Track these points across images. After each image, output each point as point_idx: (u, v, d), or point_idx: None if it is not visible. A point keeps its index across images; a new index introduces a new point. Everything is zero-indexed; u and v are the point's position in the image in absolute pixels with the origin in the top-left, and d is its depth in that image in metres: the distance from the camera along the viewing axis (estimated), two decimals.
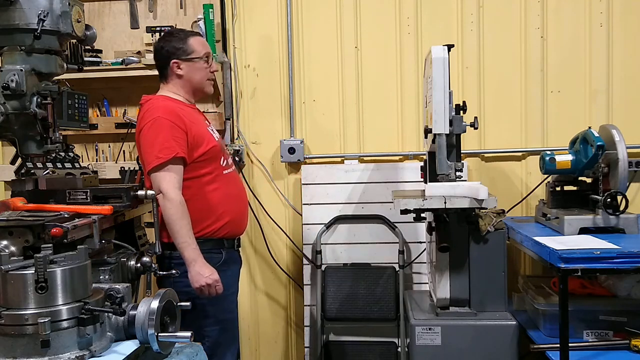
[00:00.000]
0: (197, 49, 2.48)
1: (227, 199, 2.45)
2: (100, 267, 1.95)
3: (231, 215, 2.45)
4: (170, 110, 2.36)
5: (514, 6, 3.24)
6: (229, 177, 2.50)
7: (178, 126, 2.33)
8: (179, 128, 2.33)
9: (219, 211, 2.41)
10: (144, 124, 2.36)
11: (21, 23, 1.78)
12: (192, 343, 1.67)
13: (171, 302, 1.61)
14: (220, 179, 2.43)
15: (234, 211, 2.47)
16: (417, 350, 2.52)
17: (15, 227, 1.73)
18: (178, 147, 2.30)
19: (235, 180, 2.56)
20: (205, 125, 2.52)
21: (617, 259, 2.18)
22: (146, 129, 2.34)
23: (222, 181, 2.44)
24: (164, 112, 2.34)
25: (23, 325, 1.41)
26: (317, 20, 3.36)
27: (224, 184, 2.44)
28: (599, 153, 2.53)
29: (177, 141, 2.31)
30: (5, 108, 1.78)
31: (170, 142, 2.29)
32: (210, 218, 2.40)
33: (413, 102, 3.32)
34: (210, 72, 2.54)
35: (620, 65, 3.18)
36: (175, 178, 2.30)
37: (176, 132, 2.32)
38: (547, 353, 2.41)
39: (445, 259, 2.57)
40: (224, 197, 2.43)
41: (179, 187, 2.31)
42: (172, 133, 2.30)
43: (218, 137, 2.56)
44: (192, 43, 2.48)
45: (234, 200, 2.48)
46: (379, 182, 3.31)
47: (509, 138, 3.28)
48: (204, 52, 2.49)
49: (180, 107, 2.44)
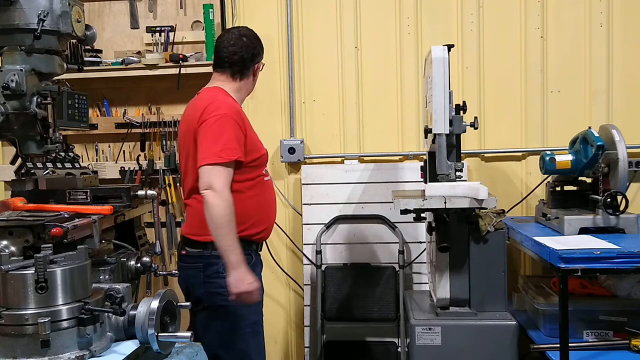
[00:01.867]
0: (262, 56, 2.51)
1: (264, 206, 2.40)
2: (100, 267, 1.95)
3: (266, 222, 2.41)
4: (236, 110, 2.31)
5: (514, 6, 3.24)
6: (268, 185, 2.45)
7: (240, 128, 2.27)
8: (241, 130, 2.27)
9: (256, 217, 2.34)
10: (208, 116, 2.23)
11: (21, 23, 1.78)
12: (192, 343, 1.67)
13: (171, 302, 1.61)
14: (260, 186, 2.38)
15: (269, 218, 2.44)
16: (417, 350, 2.52)
17: (15, 227, 1.74)
18: (240, 151, 2.24)
19: (271, 187, 2.51)
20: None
21: (617, 259, 2.18)
22: (211, 122, 2.22)
23: (262, 188, 2.39)
24: (232, 111, 2.27)
25: (23, 325, 1.41)
26: (317, 20, 3.36)
27: (262, 191, 2.39)
28: (599, 153, 2.53)
29: (239, 143, 2.25)
30: (5, 108, 1.78)
31: (233, 144, 2.22)
32: (247, 223, 2.30)
33: (413, 102, 3.32)
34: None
35: (620, 65, 3.18)
36: (228, 179, 2.21)
37: (239, 134, 2.26)
38: (547, 353, 2.41)
39: (445, 259, 2.57)
40: (262, 203, 2.38)
41: (229, 187, 2.21)
42: (236, 134, 2.24)
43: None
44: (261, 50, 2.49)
45: (269, 208, 2.44)
46: (379, 182, 3.31)
47: (509, 138, 3.28)
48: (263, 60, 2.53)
49: (240, 107, 2.40)
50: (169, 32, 3.40)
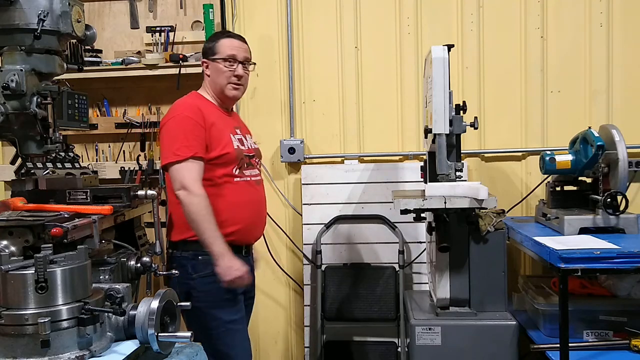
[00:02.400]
0: (222, 50, 2.44)
1: (233, 207, 2.37)
2: (100, 267, 1.95)
3: (238, 224, 2.37)
4: (194, 108, 2.34)
5: (514, 6, 3.24)
6: (241, 186, 2.41)
7: (200, 124, 2.30)
8: (201, 126, 2.30)
9: (221, 218, 2.30)
10: (167, 118, 2.35)
11: (21, 23, 1.77)
12: (192, 343, 1.67)
13: (171, 302, 1.61)
14: (228, 186, 2.37)
15: (241, 220, 2.39)
16: (417, 350, 2.52)
17: (15, 227, 1.73)
18: (198, 146, 2.28)
19: (249, 189, 2.43)
20: (231, 130, 2.44)
21: (617, 259, 2.18)
22: (169, 123, 2.33)
23: (230, 188, 2.37)
24: (187, 110, 2.33)
25: (23, 325, 1.40)
26: (317, 20, 3.36)
27: (232, 191, 2.37)
28: (599, 153, 2.53)
29: (197, 140, 2.28)
30: (5, 108, 1.78)
31: (190, 141, 2.27)
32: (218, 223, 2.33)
33: (413, 102, 3.32)
34: (234, 76, 2.45)
35: (620, 65, 3.18)
36: (197, 173, 2.28)
37: (197, 129, 2.30)
38: (547, 353, 2.41)
39: (445, 259, 2.57)
40: (230, 204, 2.36)
41: (201, 182, 2.27)
42: (192, 130, 2.29)
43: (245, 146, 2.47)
44: (221, 44, 2.45)
45: (241, 209, 2.39)
46: (379, 182, 3.31)
47: (509, 138, 3.28)
48: (228, 54, 2.44)
49: (206, 105, 2.42)
50: (169, 32, 3.40)
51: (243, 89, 2.51)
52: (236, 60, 2.45)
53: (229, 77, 2.44)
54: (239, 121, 2.64)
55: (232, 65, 2.44)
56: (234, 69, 2.44)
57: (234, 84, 2.45)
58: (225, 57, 2.43)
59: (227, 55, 2.44)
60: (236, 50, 2.46)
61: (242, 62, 2.46)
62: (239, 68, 2.45)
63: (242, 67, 2.46)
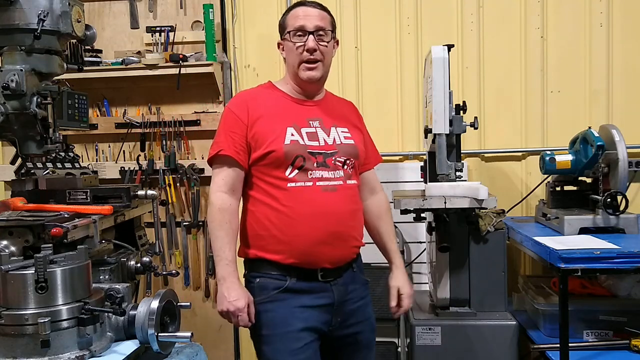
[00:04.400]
0: (290, 23, 1.99)
1: (287, 220, 1.92)
2: (100, 267, 1.95)
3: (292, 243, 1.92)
4: (240, 99, 2.03)
5: (514, 6, 3.23)
6: (300, 192, 1.92)
7: (239, 118, 1.96)
8: (240, 121, 1.95)
9: (271, 232, 1.94)
10: None
11: (21, 23, 1.78)
12: (192, 343, 1.67)
13: (171, 302, 1.61)
14: (279, 194, 1.92)
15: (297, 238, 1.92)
16: (417, 350, 2.52)
17: (15, 227, 1.73)
18: (227, 144, 1.94)
19: (314, 196, 1.93)
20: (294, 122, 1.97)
21: (617, 259, 2.18)
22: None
23: (284, 196, 1.92)
24: (233, 101, 2.05)
25: (23, 325, 1.41)
26: None
27: (285, 201, 1.92)
28: (599, 153, 2.53)
29: (230, 136, 1.95)
30: (5, 108, 1.78)
31: (221, 137, 1.96)
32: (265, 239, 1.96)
33: (413, 102, 3.32)
34: (301, 53, 1.96)
35: (620, 65, 3.17)
36: (224, 179, 1.95)
37: (234, 125, 1.96)
38: (547, 353, 2.42)
39: (445, 259, 2.57)
40: (283, 217, 1.92)
41: (226, 190, 1.94)
42: (229, 126, 1.96)
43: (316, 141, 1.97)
44: (290, 16, 2.00)
45: (299, 223, 1.91)
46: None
47: (509, 138, 3.27)
48: (295, 26, 1.96)
49: (268, 95, 2.03)
50: (169, 32, 3.39)
51: (322, 68, 2.00)
52: (306, 31, 1.96)
53: (300, 54, 1.97)
54: (328, 110, 2.08)
55: (302, 38, 1.96)
56: (304, 42, 1.96)
57: (307, 63, 1.97)
58: (294, 30, 1.97)
59: (295, 28, 1.97)
60: (303, 20, 1.96)
61: (313, 33, 1.96)
62: (310, 40, 1.95)
63: (313, 38, 1.96)
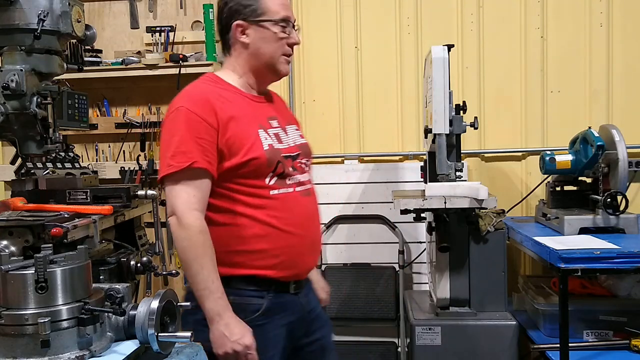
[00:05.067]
0: (273, 9, 1.76)
1: (271, 232, 1.73)
2: (100, 267, 1.95)
3: (279, 255, 1.73)
4: (200, 98, 1.71)
5: (514, 6, 3.23)
6: (282, 201, 1.75)
7: (207, 122, 1.66)
8: (208, 125, 1.67)
9: (254, 248, 1.72)
10: (166, 114, 1.76)
11: (21, 23, 1.77)
12: (192, 343, 1.67)
13: (171, 302, 1.61)
14: (262, 204, 1.72)
15: (283, 249, 1.74)
16: (417, 350, 2.52)
17: (15, 227, 1.73)
18: (198, 154, 1.65)
19: (294, 204, 1.79)
20: (260, 123, 1.77)
21: (617, 259, 2.18)
22: (167, 122, 1.73)
23: (267, 207, 1.73)
24: (191, 101, 1.70)
25: (23, 325, 1.40)
26: (317, 20, 3.36)
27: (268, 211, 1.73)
28: (599, 153, 2.53)
29: (200, 144, 1.65)
30: (5, 108, 1.78)
31: (188, 145, 1.65)
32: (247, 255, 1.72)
33: (413, 102, 3.32)
34: (288, 46, 1.81)
35: (620, 65, 3.17)
36: (196, 196, 1.65)
37: (202, 130, 1.66)
38: (547, 353, 2.42)
39: (445, 259, 2.57)
40: (267, 229, 1.72)
41: (199, 209, 1.66)
42: (195, 132, 1.66)
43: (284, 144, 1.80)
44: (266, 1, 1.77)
45: (284, 234, 1.74)
46: (379, 182, 3.31)
47: (509, 138, 3.27)
48: (281, 15, 1.77)
49: (223, 92, 1.76)
50: (169, 32, 3.39)
51: None
52: (290, 23, 1.81)
53: (283, 46, 1.79)
54: (277, 107, 1.93)
55: (286, 30, 1.79)
56: (288, 35, 1.80)
57: (286, 56, 1.82)
58: (276, 19, 1.77)
59: (280, 17, 1.77)
60: (286, 10, 1.80)
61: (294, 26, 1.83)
62: (296, 34, 1.83)
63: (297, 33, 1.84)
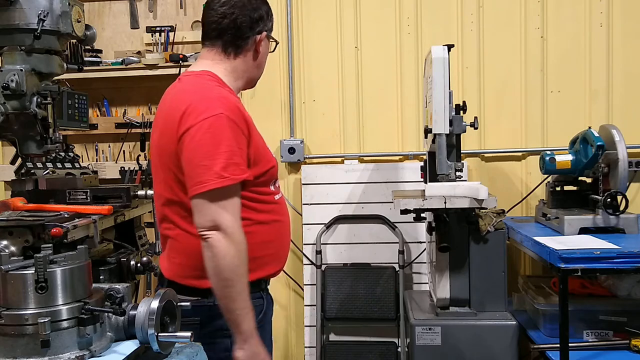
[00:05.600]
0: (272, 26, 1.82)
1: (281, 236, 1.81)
2: (100, 267, 1.95)
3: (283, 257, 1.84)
4: (234, 105, 1.64)
5: (514, 6, 3.23)
6: (281, 204, 1.82)
7: (242, 132, 1.63)
8: (244, 135, 1.63)
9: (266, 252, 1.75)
10: (195, 121, 1.58)
11: (21, 23, 1.78)
12: (192, 343, 1.67)
13: (171, 302, 1.61)
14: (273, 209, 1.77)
15: (284, 250, 1.85)
16: (417, 350, 2.52)
17: (15, 227, 1.74)
18: (246, 166, 1.63)
19: (284, 206, 1.85)
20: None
21: (617, 259, 2.18)
22: (202, 130, 1.57)
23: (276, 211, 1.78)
24: (229, 107, 1.61)
25: (23, 325, 1.40)
26: (317, 20, 3.36)
27: (278, 215, 1.79)
28: (599, 153, 2.53)
29: (243, 155, 1.62)
30: (5, 108, 1.78)
31: (238, 157, 1.59)
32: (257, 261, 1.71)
33: (413, 102, 3.32)
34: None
35: (620, 65, 3.17)
36: (239, 210, 1.61)
37: (242, 140, 1.62)
38: (547, 353, 2.41)
39: (445, 259, 2.57)
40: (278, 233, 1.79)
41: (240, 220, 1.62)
42: (239, 141, 1.60)
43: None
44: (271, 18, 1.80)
45: (285, 236, 1.84)
46: (379, 182, 3.31)
47: (509, 138, 3.28)
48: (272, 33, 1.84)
49: (239, 101, 1.73)
50: (169, 32, 3.40)
51: None
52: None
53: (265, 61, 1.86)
54: None
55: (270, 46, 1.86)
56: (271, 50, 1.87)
57: None
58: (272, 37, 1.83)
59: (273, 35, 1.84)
60: None
61: None
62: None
63: None
